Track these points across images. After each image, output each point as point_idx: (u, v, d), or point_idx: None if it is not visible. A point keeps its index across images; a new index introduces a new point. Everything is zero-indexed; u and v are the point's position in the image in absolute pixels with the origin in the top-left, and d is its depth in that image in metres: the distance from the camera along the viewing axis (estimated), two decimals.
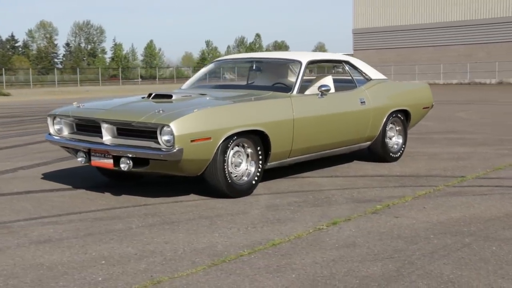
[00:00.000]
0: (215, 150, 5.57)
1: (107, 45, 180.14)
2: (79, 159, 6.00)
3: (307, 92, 6.67)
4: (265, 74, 7.57)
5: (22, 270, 3.89)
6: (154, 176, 6.81)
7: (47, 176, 7.17)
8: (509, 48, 38.67)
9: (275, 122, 6.11)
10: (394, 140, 7.91)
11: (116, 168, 5.73)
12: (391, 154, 7.81)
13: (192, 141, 5.38)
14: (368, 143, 7.56)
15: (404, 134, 8.03)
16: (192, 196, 5.97)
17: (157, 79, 74.29)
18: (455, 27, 40.79)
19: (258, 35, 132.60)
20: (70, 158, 8.49)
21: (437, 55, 41.02)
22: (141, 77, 78.18)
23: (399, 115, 7.86)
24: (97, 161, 5.84)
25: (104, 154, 5.75)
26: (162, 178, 6.88)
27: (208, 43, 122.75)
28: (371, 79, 7.68)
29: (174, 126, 5.27)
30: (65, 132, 6.30)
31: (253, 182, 6.00)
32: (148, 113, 5.53)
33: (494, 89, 33.49)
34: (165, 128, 5.35)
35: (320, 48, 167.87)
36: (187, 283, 3.63)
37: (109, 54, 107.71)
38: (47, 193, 6.25)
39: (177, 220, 5.08)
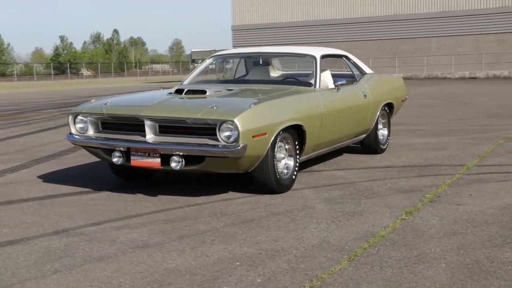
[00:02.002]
0: (268, 146, 5.50)
1: None
2: (115, 159, 5.67)
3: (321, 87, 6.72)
4: (267, 69, 7.54)
5: (164, 277, 3.67)
6: (161, 175, 6.62)
7: (48, 179, 6.71)
8: (379, 45, 40.81)
9: (310, 116, 6.14)
10: (381, 132, 8.17)
11: (162, 168, 5.48)
12: (380, 145, 8.06)
13: (253, 136, 5.27)
14: (364, 135, 7.76)
15: (388, 126, 8.31)
16: (234, 194, 5.85)
17: (15, 76, 70.60)
18: (332, 25, 42.35)
19: (116, 31, 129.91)
20: (47, 159, 8.02)
21: None
22: None
23: (385, 108, 8.12)
24: (138, 161, 5.55)
25: (149, 153, 5.48)
26: (169, 176, 6.68)
27: (62, 38, 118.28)
28: (365, 73, 7.88)
29: (239, 121, 5.14)
30: (90, 131, 5.92)
31: (293, 177, 5.99)
32: (203, 109, 5.34)
33: None
34: (225, 124, 5.20)
35: (177, 44, 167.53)
36: (351, 279, 3.59)
37: None
38: (72, 196, 5.87)
39: (255, 218, 4.97)
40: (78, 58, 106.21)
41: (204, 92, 6.01)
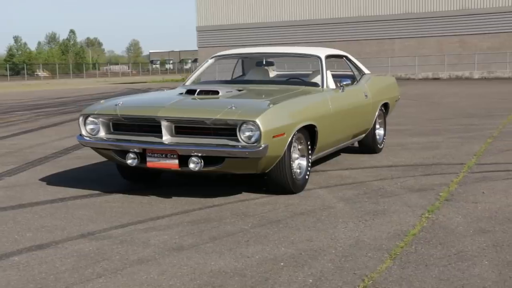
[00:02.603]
0: (286, 146, 5.49)
1: None
2: (129, 161, 5.57)
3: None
4: (268, 69, 7.52)
5: (212, 279, 3.63)
6: (167, 176, 6.58)
7: (52, 182, 6.58)
8: (344, 47, 41.04)
9: (321, 116, 6.15)
10: (378, 131, 8.23)
11: (179, 169, 5.42)
12: (378, 145, 8.12)
13: (273, 137, 5.26)
14: (363, 135, 7.80)
15: (384, 126, 8.38)
16: (249, 195, 5.82)
17: None
18: (297, 26, 42.52)
19: (72, 31, 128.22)
20: (41, 162, 7.87)
21: None
22: None
23: (382, 108, 8.19)
24: (155, 162, 5.47)
25: (167, 154, 5.41)
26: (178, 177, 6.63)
27: (16, 39, 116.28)
28: (364, 74, 7.94)
29: (260, 121, 5.11)
30: (102, 133, 5.81)
31: (306, 177, 5.99)
32: (222, 109, 5.30)
33: None
34: (246, 125, 5.17)
35: (135, 45, 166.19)
36: (401, 277, 3.61)
37: None
38: (84, 199, 5.76)
39: (280, 218, 4.95)
40: (33, 58, 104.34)
41: (217, 92, 5.96)
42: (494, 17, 37.50)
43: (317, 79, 6.82)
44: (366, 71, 8.09)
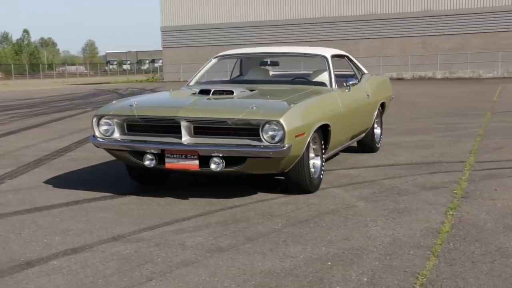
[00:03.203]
0: (305, 145, 5.49)
1: None
2: (147, 162, 5.49)
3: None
4: (268, 69, 7.51)
5: (266, 279, 3.61)
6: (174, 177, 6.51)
7: (57, 185, 6.44)
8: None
9: (334, 115, 6.17)
10: (375, 131, 8.29)
11: (199, 170, 5.36)
12: (376, 144, 8.19)
13: (295, 136, 5.25)
14: (363, 134, 7.85)
15: (381, 125, 8.46)
16: (266, 195, 5.79)
17: None
18: (262, 27, 42.57)
19: (26, 31, 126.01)
20: (37, 165, 7.72)
21: None
22: None
23: (380, 107, 8.26)
24: (174, 163, 5.40)
25: (186, 155, 5.35)
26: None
27: None
28: (364, 73, 7.99)
29: (284, 121, 5.10)
30: (116, 134, 5.71)
31: (321, 176, 6.00)
32: (244, 109, 5.26)
33: None
34: (269, 124, 5.15)
35: (91, 45, 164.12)
36: (453, 275, 3.63)
37: None
38: (99, 201, 5.66)
39: (308, 218, 4.94)
40: None
41: (231, 92, 5.92)
42: (454, 19, 38.24)
43: (321, 79, 6.84)
44: (365, 70, 8.14)
